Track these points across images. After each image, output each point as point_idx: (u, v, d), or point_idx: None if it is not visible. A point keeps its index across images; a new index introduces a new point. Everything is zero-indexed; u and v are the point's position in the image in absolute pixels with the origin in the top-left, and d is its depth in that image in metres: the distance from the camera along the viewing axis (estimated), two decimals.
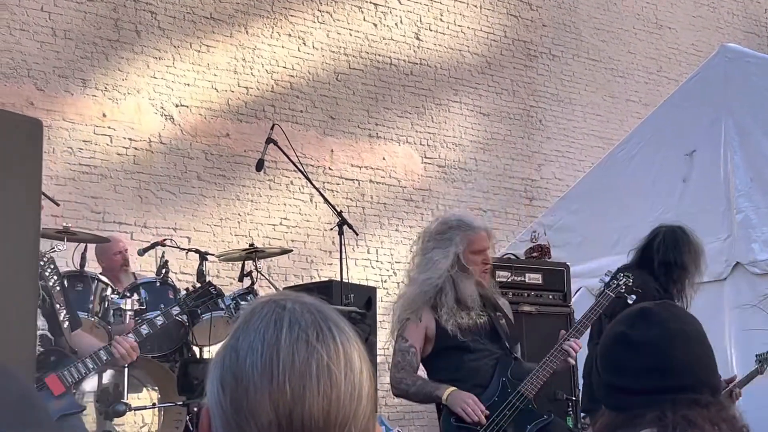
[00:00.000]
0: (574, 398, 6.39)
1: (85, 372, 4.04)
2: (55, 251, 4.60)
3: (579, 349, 4.46)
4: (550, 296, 6.96)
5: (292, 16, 10.36)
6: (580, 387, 6.42)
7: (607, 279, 4.78)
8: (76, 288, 5.91)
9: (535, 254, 7.50)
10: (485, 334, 4.45)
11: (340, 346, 1.27)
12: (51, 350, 4.01)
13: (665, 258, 5.24)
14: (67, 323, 4.14)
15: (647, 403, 1.95)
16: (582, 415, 6.33)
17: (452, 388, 4.25)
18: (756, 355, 5.77)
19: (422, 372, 4.58)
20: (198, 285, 4.86)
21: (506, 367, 4.37)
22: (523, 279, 6.90)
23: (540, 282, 6.95)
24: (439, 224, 4.62)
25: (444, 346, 4.43)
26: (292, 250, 7.95)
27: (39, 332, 3.96)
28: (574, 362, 4.51)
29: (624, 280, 4.70)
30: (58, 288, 4.18)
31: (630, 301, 4.58)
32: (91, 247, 7.02)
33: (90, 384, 5.58)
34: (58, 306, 4.11)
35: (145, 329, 4.29)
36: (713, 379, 2.02)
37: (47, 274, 4.14)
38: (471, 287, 4.43)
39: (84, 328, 4.59)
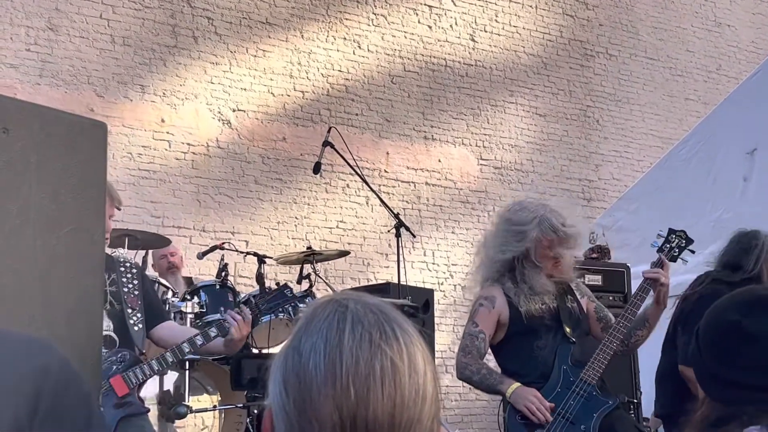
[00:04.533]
0: (635, 401, 6.32)
1: (150, 373, 4.04)
2: (129, 259, 4.62)
3: (663, 275, 4.31)
4: (611, 297, 6.87)
5: (347, 19, 10.39)
6: (641, 389, 6.35)
7: (659, 243, 4.50)
8: None
9: (594, 255, 7.42)
10: (553, 319, 4.34)
11: (403, 347, 1.26)
12: (117, 352, 4.02)
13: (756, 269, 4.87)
14: (140, 325, 4.13)
15: (754, 400, 1.85)
16: (643, 416, 6.26)
17: (516, 385, 4.17)
18: None
19: (490, 358, 4.50)
20: (274, 287, 4.73)
21: (566, 354, 4.28)
22: (582, 280, 6.83)
23: (600, 283, 6.84)
24: (523, 212, 4.42)
25: (515, 331, 4.34)
26: (349, 253, 7.96)
27: (104, 333, 3.98)
28: (667, 281, 4.33)
29: (677, 241, 4.46)
30: (136, 292, 4.18)
31: (684, 261, 4.44)
32: (153, 252, 7.14)
33: (151, 387, 5.63)
34: (131, 310, 4.12)
35: (214, 331, 4.22)
36: None
37: (124, 281, 4.17)
38: (542, 279, 4.34)
39: None
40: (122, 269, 4.22)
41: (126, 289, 4.16)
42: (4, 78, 8.56)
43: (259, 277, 6.52)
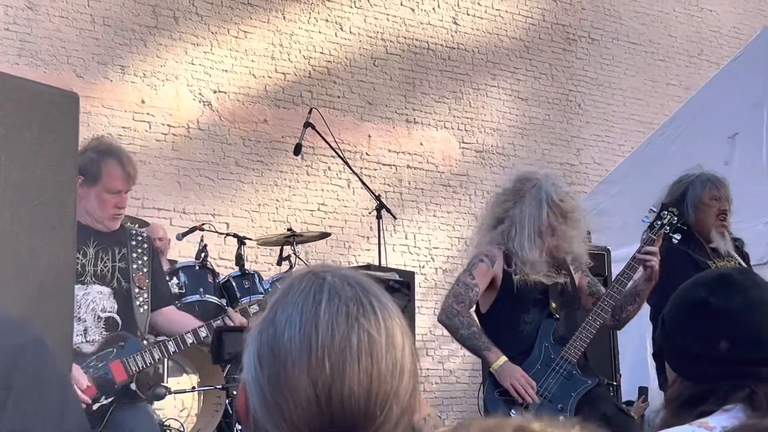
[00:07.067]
0: (615, 383, 6.34)
1: (151, 362, 3.89)
2: (142, 232, 4.45)
3: (653, 258, 4.25)
4: None
5: (329, 1, 10.34)
6: (621, 372, 6.37)
7: (650, 219, 4.41)
8: None
9: None
10: (542, 293, 4.30)
11: (381, 321, 1.23)
12: (118, 334, 3.90)
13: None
14: (145, 307, 4.01)
15: (727, 375, 1.87)
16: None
17: (504, 358, 4.11)
18: None
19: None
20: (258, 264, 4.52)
21: (549, 331, 4.25)
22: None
23: None
24: (533, 187, 4.36)
25: (503, 298, 4.31)
26: (330, 235, 7.94)
27: (106, 314, 3.90)
28: (656, 262, 4.26)
29: (669, 218, 4.37)
30: (145, 269, 4.05)
31: (675, 240, 4.41)
32: None
33: None
34: (138, 289, 4.00)
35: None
36: None
37: (134, 256, 4.03)
38: (536, 255, 4.31)
39: None
40: (133, 243, 4.07)
41: (135, 266, 4.02)
42: None
43: (239, 259, 6.50)
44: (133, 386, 3.89)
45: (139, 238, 4.14)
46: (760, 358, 1.88)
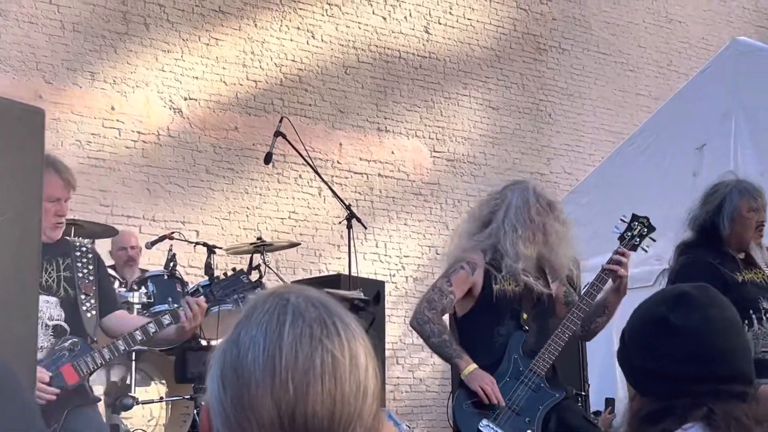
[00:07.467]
0: (583, 393, 6.37)
1: (101, 362, 3.96)
2: (86, 244, 4.51)
3: (622, 269, 4.24)
4: None
5: (300, 9, 10.33)
6: (589, 382, 6.39)
7: (620, 229, 4.41)
8: None
9: None
10: (518, 303, 4.28)
11: (345, 342, 1.23)
12: (67, 340, 3.95)
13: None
14: (93, 312, 4.07)
15: (685, 392, 1.88)
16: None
17: (474, 365, 4.12)
18: None
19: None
20: (230, 272, 4.57)
21: (518, 343, 4.24)
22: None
23: None
24: (517, 187, 4.40)
25: (481, 307, 4.28)
26: (300, 244, 7.92)
27: (53, 323, 3.96)
28: (626, 273, 4.29)
29: (639, 228, 4.39)
30: (91, 278, 4.11)
31: (645, 250, 4.40)
32: (101, 241, 7.04)
33: (98, 378, 5.57)
34: (84, 296, 4.05)
35: (167, 319, 4.16)
36: (749, 368, 1.95)
37: (79, 265, 4.10)
38: (529, 251, 4.29)
39: None
40: (77, 254, 4.15)
41: (81, 275, 4.09)
42: None
43: (208, 267, 6.47)
44: (86, 385, 3.97)
45: (84, 249, 4.22)
46: (717, 376, 1.89)
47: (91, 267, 4.15)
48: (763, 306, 4.40)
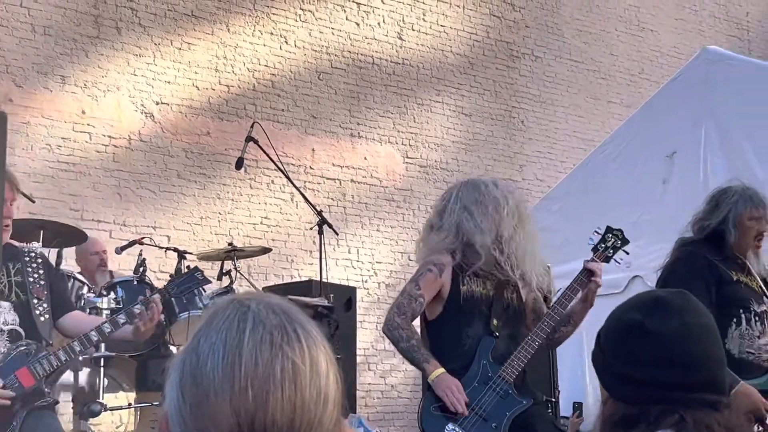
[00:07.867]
0: (553, 399, 6.38)
1: (57, 364, 3.97)
2: (34, 249, 4.53)
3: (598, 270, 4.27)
4: None
5: (274, 14, 10.31)
6: (559, 388, 6.41)
7: (594, 241, 4.40)
8: None
9: None
10: (487, 307, 4.26)
11: (306, 349, 1.22)
12: (21, 345, 3.96)
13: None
14: (47, 316, 4.09)
15: (658, 398, 1.88)
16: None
17: (441, 370, 4.10)
18: None
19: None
20: (184, 270, 4.60)
21: (488, 348, 4.22)
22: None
23: None
24: (483, 194, 4.34)
25: (449, 309, 4.27)
26: (271, 250, 7.90)
27: (8, 327, 4.00)
28: (599, 284, 4.30)
29: (613, 240, 4.38)
30: (42, 282, 4.13)
31: (618, 262, 4.42)
32: (85, 247, 7.01)
33: (66, 383, 5.53)
34: (36, 300, 4.07)
35: (122, 318, 4.17)
36: (723, 375, 1.95)
37: (30, 270, 4.12)
38: (491, 238, 4.28)
39: None
40: (27, 259, 4.18)
41: (32, 279, 4.12)
42: None
43: (178, 273, 6.43)
44: (39, 391, 3.95)
45: (33, 254, 4.25)
46: (688, 383, 1.89)
47: (41, 272, 4.18)
48: (753, 308, 4.44)
